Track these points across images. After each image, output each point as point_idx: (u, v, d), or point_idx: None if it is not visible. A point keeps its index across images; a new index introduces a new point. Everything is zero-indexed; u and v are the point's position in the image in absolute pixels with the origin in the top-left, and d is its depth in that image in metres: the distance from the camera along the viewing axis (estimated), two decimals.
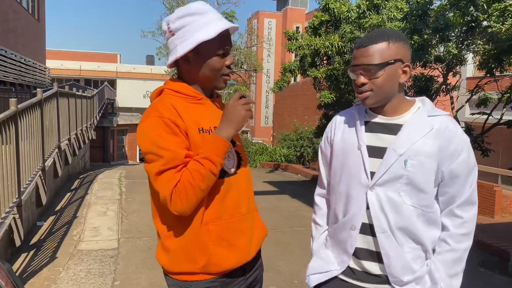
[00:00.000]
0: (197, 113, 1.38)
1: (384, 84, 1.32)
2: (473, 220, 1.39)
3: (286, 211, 6.45)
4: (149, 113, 1.34)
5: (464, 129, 7.20)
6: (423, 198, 1.33)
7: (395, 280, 1.35)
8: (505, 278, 4.11)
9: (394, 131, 1.36)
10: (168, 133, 1.29)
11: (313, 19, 8.64)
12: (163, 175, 1.29)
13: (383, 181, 1.34)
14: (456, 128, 1.35)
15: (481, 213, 10.53)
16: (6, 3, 11.44)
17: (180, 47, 1.35)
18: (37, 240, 4.50)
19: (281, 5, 32.16)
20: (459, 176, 1.34)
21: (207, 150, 1.31)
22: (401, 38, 1.34)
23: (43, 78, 15.82)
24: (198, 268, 1.37)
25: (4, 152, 3.81)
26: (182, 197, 1.27)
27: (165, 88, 1.44)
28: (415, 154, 1.31)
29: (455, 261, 1.37)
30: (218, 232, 1.37)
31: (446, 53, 6.47)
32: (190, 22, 1.34)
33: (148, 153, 1.31)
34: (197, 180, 1.27)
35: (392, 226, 1.34)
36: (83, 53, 38.21)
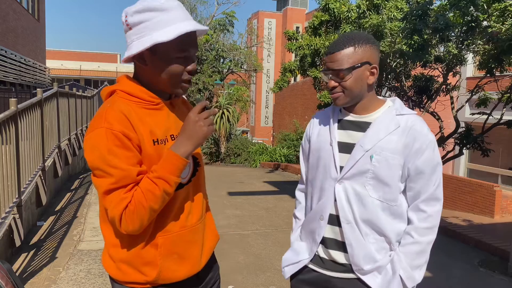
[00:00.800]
0: (152, 121, 1.25)
1: (353, 86, 1.41)
2: (437, 215, 1.45)
3: (286, 211, 6.45)
4: (98, 123, 1.19)
5: (464, 129, 7.20)
6: (387, 192, 1.41)
7: (357, 268, 1.44)
8: (505, 278, 4.11)
9: (363, 128, 1.45)
10: (119, 147, 1.17)
11: (313, 19, 8.64)
12: (112, 194, 1.18)
13: (350, 175, 1.43)
14: (421, 127, 1.42)
15: (481, 213, 10.54)
16: (6, 3, 11.45)
17: (136, 44, 1.21)
18: (37, 240, 4.50)
19: (281, 5, 32.17)
20: (423, 173, 1.41)
21: (162, 168, 1.20)
22: (367, 41, 1.41)
23: (43, 78, 15.83)
24: (147, 281, 1.30)
25: (4, 152, 3.81)
26: (134, 219, 1.18)
27: (118, 89, 1.28)
28: (381, 150, 1.40)
29: (418, 253, 1.43)
30: (167, 245, 1.29)
31: (446, 53, 6.47)
32: (149, 19, 1.20)
33: (96, 169, 1.19)
34: (150, 201, 1.18)
35: (357, 217, 1.42)
36: (83, 53, 38.23)
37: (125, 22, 1.24)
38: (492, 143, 7.39)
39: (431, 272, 4.10)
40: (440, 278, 4.02)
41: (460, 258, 4.62)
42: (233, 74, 21.79)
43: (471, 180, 11.45)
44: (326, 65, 1.45)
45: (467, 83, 10.85)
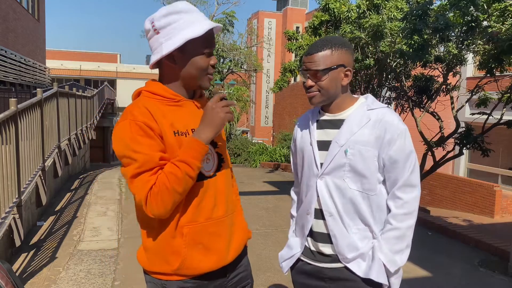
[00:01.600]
0: (173, 115, 1.36)
1: (328, 86, 1.52)
2: (414, 201, 1.52)
3: (286, 211, 6.44)
4: (124, 117, 1.33)
5: (464, 129, 7.20)
6: (365, 182, 1.51)
7: (342, 257, 1.54)
8: (505, 278, 4.11)
9: (338, 125, 1.56)
10: (142, 136, 1.28)
11: (313, 19, 8.64)
12: (137, 178, 1.28)
13: (329, 170, 1.53)
14: (392, 118, 1.51)
15: (481, 213, 10.54)
16: (6, 3, 11.45)
17: (166, 45, 1.33)
18: (37, 240, 4.50)
19: (281, 5, 32.16)
20: (397, 161, 1.49)
21: (184, 153, 1.30)
22: (343, 46, 1.52)
23: (43, 78, 15.83)
24: (171, 270, 1.37)
25: (4, 152, 3.81)
26: (158, 200, 1.27)
27: (143, 90, 1.43)
28: (354, 144, 1.50)
29: (398, 238, 1.51)
30: (192, 235, 1.36)
31: (446, 53, 6.47)
32: (176, 20, 1.33)
33: (123, 157, 1.30)
34: (173, 183, 1.26)
35: (339, 209, 1.52)
36: (83, 53, 38.22)
37: (152, 27, 1.35)
38: (492, 143, 7.39)
39: (431, 272, 4.10)
40: (440, 278, 4.02)
41: (460, 258, 4.62)
42: (233, 74, 21.79)
43: (471, 180, 11.45)
44: (304, 65, 1.54)
45: (467, 83, 10.84)
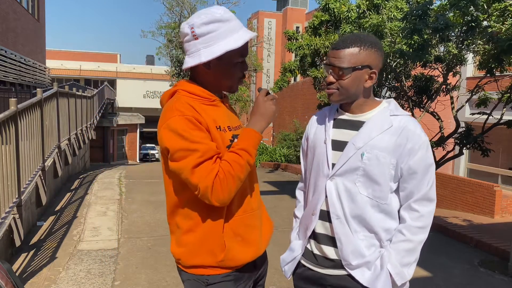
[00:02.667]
0: (212, 113, 1.42)
1: (349, 86, 1.45)
2: (430, 215, 1.47)
3: (286, 211, 6.44)
4: (170, 114, 1.35)
5: (464, 129, 7.20)
6: (377, 189, 1.44)
7: (346, 263, 1.47)
8: (505, 278, 4.11)
9: (357, 127, 1.49)
10: (195, 129, 1.32)
11: (313, 19, 8.64)
12: (200, 167, 1.31)
13: (342, 172, 1.47)
14: (414, 128, 1.45)
15: (481, 213, 10.54)
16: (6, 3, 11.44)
17: (205, 52, 1.37)
18: (37, 240, 4.50)
19: (281, 5, 32.15)
20: (416, 173, 1.44)
21: (243, 142, 1.37)
22: (374, 46, 1.44)
23: (43, 78, 15.83)
24: (216, 261, 1.41)
25: (4, 152, 3.80)
26: (224, 187, 1.31)
27: (179, 89, 1.46)
28: (371, 148, 1.43)
29: (408, 251, 1.45)
30: (232, 227, 1.42)
31: (446, 53, 6.46)
32: (216, 29, 1.37)
33: (179, 150, 1.32)
34: (237, 170, 1.32)
35: (347, 213, 1.46)
36: (83, 53, 38.23)
37: (191, 33, 1.38)
38: (492, 143, 7.39)
39: (431, 272, 4.10)
40: (440, 278, 4.01)
41: (460, 258, 4.62)
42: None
43: (471, 180, 11.44)
44: (328, 60, 1.47)
45: (467, 83, 10.84)
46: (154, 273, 3.82)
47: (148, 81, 36.13)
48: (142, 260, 4.13)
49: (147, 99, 35.53)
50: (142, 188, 7.78)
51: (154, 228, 5.22)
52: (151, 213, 5.95)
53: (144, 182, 8.68)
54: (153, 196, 7.12)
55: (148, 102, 35.21)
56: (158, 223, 5.45)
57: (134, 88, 35.19)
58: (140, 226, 5.26)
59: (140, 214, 5.85)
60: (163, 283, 3.62)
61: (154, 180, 8.99)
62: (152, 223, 5.43)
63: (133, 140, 26.41)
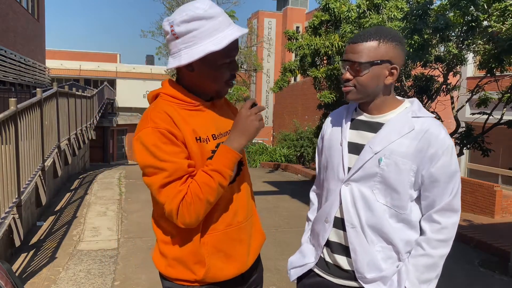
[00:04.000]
0: (194, 121, 1.30)
1: (367, 83, 1.32)
2: (453, 227, 1.35)
3: (286, 211, 6.44)
4: (144, 124, 1.26)
5: (465, 129, 7.19)
6: (396, 198, 1.32)
7: (360, 276, 1.36)
8: (505, 278, 4.10)
9: (375, 129, 1.37)
10: (166, 144, 1.22)
11: (313, 19, 8.64)
12: (167, 187, 1.22)
13: (357, 177, 1.35)
14: (438, 131, 1.31)
15: (481, 213, 10.53)
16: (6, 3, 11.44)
17: (185, 54, 1.24)
18: (36, 240, 4.50)
19: (281, 5, 32.14)
20: (439, 180, 1.31)
21: (217, 162, 1.25)
22: (394, 39, 1.32)
23: (42, 78, 15.82)
24: (195, 279, 1.34)
25: (4, 152, 3.80)
26: (191, 211, 1.22)
27: (161, 92, 1.34)
28: (390, 153, 1.31)
29: (428, 267, 1.34)
30: (213, 243, 1.32)
31: (446, 53, 6.46)
32: (197, 28, 1.22)
33: (148, 167, 1.23)
34: (206, 193, 1.22)
35: (363, 222, 1.34)
36: (83, 53, 38.20)
37: (170, 31, 1.25)
38: (492, 143, 7.39)
39: None
40: (440, 278, 4.01)
41: (460, 258, 4.62)
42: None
43: (471, 180, 11.44)
44: (345, 55, 1.35)
45: (468, 83, 10.84)
46: (154, 273, 3.81)
47: (148, 81, 36.10)
48: (142, 260, 4.12)
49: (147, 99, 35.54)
50: (142, 188, 7.76)
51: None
52: (151, 213, 5.94)
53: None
54: None
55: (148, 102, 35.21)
56: None
57: (134, 88, 35.18)
58: (140, 226, 5.26)
59: (140, 214, 5.85)
60: None
61: None
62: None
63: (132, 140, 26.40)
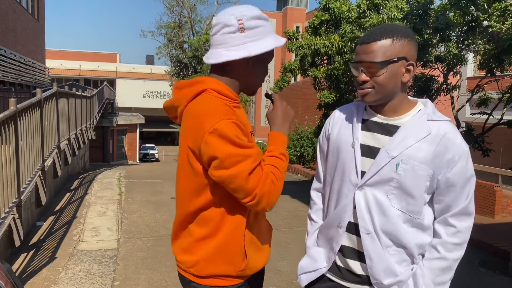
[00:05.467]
0: (241, 117, 1.34)
1: (386, 82, 1.29)
2: (468, 231, 1.35)
3: (286, 211, 6.44)
4: (215, 117, 1.23)
5: (465, 129, 7.19)
6: (411, 203, 1.31)
7: (376, 282, 1.34)
8: (505, 278, 4.10)
9: (391, 132, 1.33)
10: (242, 134, 1.26)
11: (313, 19, 8.64)
12: (255, 172, 1.26)
13: (372, 182, 1.32)
14: (455, 136, 1.30)
15: (481, 213, 10.53)
16: (6, 3, 11.43)
17: (253, 46, 1.31)
18: (36, 240, 4.49)
19: (281, 5, 32.14)
20: (455, 185, 1.31)
21: (280, 147, 1.39)
22: (406, 35, 1.29)
23: (42, 78, 15.82)
24: (235, 271, 1.34)
25: (4, 152, 3.80)
26: (278, 191, 1.31)
27: (208, 88, 1.32)
28: (408, 159, 1.28)
29: (443, 270, 1.34)
30: (249, 235, 1.38)
31: (446, 52, 6.46)
32: (263, 25, 1.35)
33: (232, 157, 1.22)
34: (283, 174, 1.34)
35: (377, 228, 1.32)
36: (83, 53, 38.21)
37: (238, 25, 1.31)
38: (493, 143, 7.39)
39: None
40: None
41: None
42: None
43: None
44: (358, 57, 1.31)
45: (468, 83, 10.84)
46: (154, 273, 3.81)
47: (148, 81, 36.14)
48: (142, 260, 4.12)
49: (147, 99, 35.54)
50: (142, 188, 7.77)
51: (154, 228, 5.21)
52: (151, 213, 5.94)
53: (143, 182, 8.67)
54: (153, 196, 7.11)
55: (148, 102, 35.21)
56: (158, 223, 5.45)
57: (134, 88, 35.21)
58: (140, 226, 5.25)
59: (140, 214, 5.85)
60: (163, 283, 3.61)
61: (154, 180, 8.99)
62: (152, 223, 5.42)
63: (132, 140, 26.40)
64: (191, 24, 24.51)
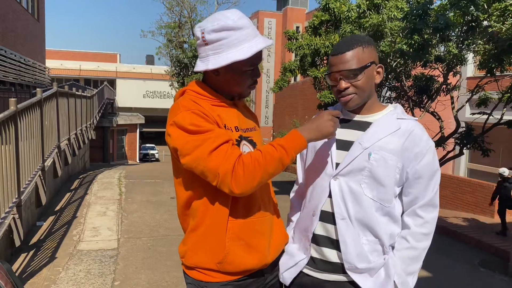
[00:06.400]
0: (220, 112, 1.38)
1: (365, 86, 1.43)
2: (434, 222, 1.45)
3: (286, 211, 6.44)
4: (176, 111, 1.33)
5: (465, 129, 7.19)
6: (382, 192, 1.41)
7: (350, 266, 1.41)
8: (505, 278, 4.11)
9: (364, 127, 1.46)
10: (203, 121, 1.29)
11: (313, 19, 8.65)
12: (217, 151, 1.26)
13: (346, 172, 1.43)
14: (422, 133, 1.44)
15: (481, 213, 10.53)
16: (6, 3, 11.43)
17: (213, 60, 1.34)
18: (36, 240, 4.50)
19: (281, 5, 32.15)
20: (422, 177, 1.42)
21: (284, 140, 1.32)
22: (370, 43, 1.45)
23: (42, 78, 15.82)
24: (214, 263, 1.36)
25: (4, 152, 3.80)
26: (247, 173, 1.25)
27: (188, 89, 1.43)
28: (379, 149, 1.40)
29: (413, 259, 1.43)
30: (235, 230, 1.37)
31: (446, 52, 6.47)
32: (226, 37, 1.32)
33: (190, 143, 1.27)
34: (267, 161, 1.26)
35: (351, 215, 1.42)
36: (83, 53, 38.20)
37: (201, 37, 1.35)
38: (492, 143, 7.39)
39: (431, 272, 4.10)
40: (440, 278, 4.01)
41: (460, 258, 4.62)
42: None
43: (471, 180, 11.43)
44: (336, 67, 1.42)
45: (468, 83, 10.83)
46: (154, 273, 3.82)
47: (148, 81, 36.12)
48: (142, 260, 4.12)
49: (147, 99, 35.53)
50: (142, 188, 7.77)
51: (154, 228, 5.21)
52: (151, 213, 5.94)
53: (144, 182, 8.67)
54: (153, 196, 7.12)
55: (148, 102, 35.19)
56: (158, 223, 5.45)
57: (134, 88, 35.19)
58: (140, 226, 5.25)
59: (140, 214, 5.85)
60: (163, 283, 3.61)
61: (154, 180, 8.99)
62: (152, 223, 5.42)
63: (133, 140, 26.39)
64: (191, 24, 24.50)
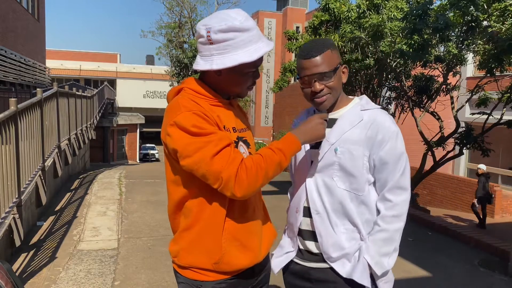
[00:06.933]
0: (218, 112, 1.38)
1: (337, 86, 1.52)
2: (404, 204, 1.50)
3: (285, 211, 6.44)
4: (176, 111, 1.30)
5: (464, 129, 7.19)
6: (354, 182, 1.50)
7: (327, 256, 1.52)
8: (505, 278, 4.11)
9: (331, 125, 1.55)
10: (204, 123, 1.28)
11: (313, 19, 8.65)
12: (220, 154, 1.25)
13: (319, 168, 1.53)
14: (383, 120, 1.50)
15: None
16: (6, 3, 11.44)
17: (218, 60, 1.32)
18: (37, 240, 4.50)
19: (281, 5, 32.14)
20: (388, 163, 1.48)
21: (282, 144, 1.35)
22: (334, 45, 1.54)
23: (43, 78, 15.82)
24: (210, 263, 1.36)
25: (4, 152, 3.80)
26: (250, 176, 1.26)
27: (185, 87, 1.41)
28: (344, 143, 1.49)
29: (386, 241, 1.48)
30: (232, 231, 1.38)
31: (446, 53, 6.47)
32: (233, 38, 1.31)
33: (192, 144, 1.26)
34: (268, 164, 1.29)
35: (327, 208, 1.51)
36: (83, 53, 38.21)
37: (206, 36, 1.33)
38: (492, 143, 7.39)
39: (431, 272, 4.10)
40: (440, 278, 4.01)
41: (460, 258, 4.62)
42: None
43: (471, 180, 11.44)
44: (308, 70, 1.48)
45: (467, 83, 10.84)
46: (154, 273, 3.82)
47: (148, 81, 36.14)
48: (142, 260, 4.13)
49: (147, 99, 35.54)
50: (142, 188, 7.77)
51: (154, 228, 5.21)
52: (151, 213, 5.95)
53: (144, 182, 8.67)
54: (153, 196, 7.12)
55: (148, 102, 35.20)
56: (158, 223, 5.45)
57: (134, 88, 35.20)
58: (140, 226, 5.26)
59: (140, 214, 5.85)
60: (163, 283, 3.62)
61: (154, 180, 8.99)
62: (152, 223, 5.43)
63: (133, 140, 26.40)
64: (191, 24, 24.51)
